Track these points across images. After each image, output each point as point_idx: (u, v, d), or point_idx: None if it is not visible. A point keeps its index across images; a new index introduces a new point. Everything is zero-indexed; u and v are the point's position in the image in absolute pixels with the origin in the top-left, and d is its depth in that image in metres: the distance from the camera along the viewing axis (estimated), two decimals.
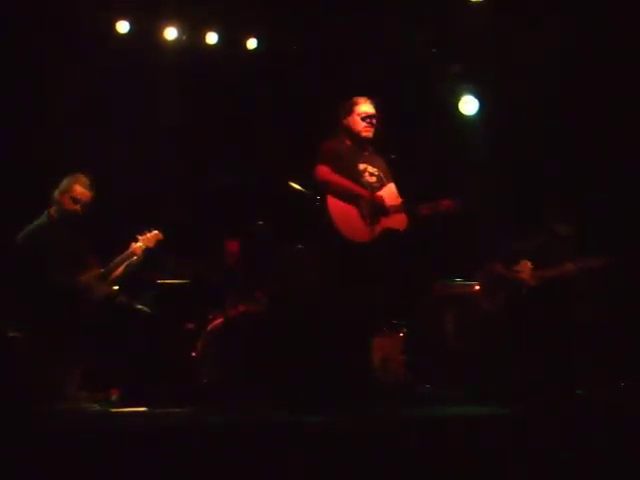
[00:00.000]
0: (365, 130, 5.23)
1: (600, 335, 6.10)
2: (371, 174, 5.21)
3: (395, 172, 5.30)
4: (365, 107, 5.26)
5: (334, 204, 5.00)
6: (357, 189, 5.07)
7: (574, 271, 6.04)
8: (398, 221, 5.14)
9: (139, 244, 5.68)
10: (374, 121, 5.22)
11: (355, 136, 5.24)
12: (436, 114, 7.81)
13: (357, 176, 5.14)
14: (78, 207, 5.55)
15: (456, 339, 6.82)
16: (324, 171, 5.07)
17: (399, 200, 5.18)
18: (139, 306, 5.62)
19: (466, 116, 7.83)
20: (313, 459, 3.87)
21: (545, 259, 6.15)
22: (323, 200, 5.00)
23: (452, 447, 4.03)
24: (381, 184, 5.18)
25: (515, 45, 7.18)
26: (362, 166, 5.21)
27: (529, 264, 6.20)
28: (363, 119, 5.23)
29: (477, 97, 7.75)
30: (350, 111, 5.26)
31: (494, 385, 5.86)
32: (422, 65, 7.63)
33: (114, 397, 5.45)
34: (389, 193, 5.17)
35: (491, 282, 6.33)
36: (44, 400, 4.98)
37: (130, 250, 5.66)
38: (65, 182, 5.58)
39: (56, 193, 5.57)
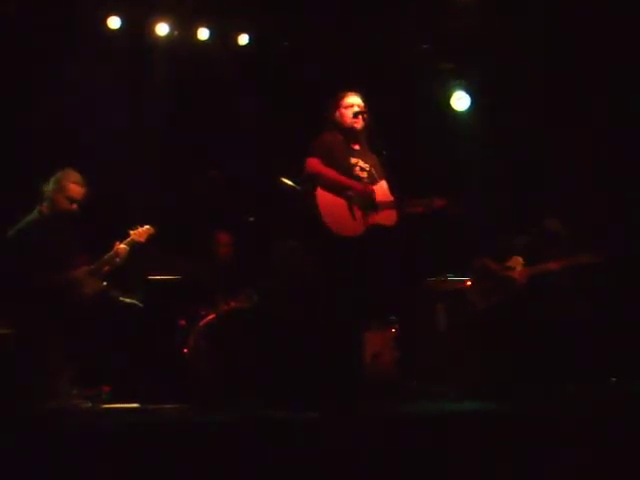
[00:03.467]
0: (353, 122, 5.20)
1: (587, 331, 6.12)
2: (362, 169, 5.18)
3: (388, 170, 5.28)
4: (351, 99, 5.24)
5: (323, 197, 4.97)
6: (347, 181, 5.05)
7: (560, 268, 6.07)
8: (387, 217, 5.11)
9: (124, 244, 5.61)
10: (362, 111, 5.20)
11: (345, 129, 5.21)
12: (428, 111, 7.82)
13: (348, 170, 5.11)
14: (74, 206, 5.49)
15: (448, 335, 6.83)
16: (314, 163, 5.05)
17: (389, 197, 5.16)
18: (130, 302, 5.60)
19: (458, 112, 7.84)
20: (301, 456, 3.88)
21: (536, 255, 6.18)
22: (312, 193, 4.98)
23: (441, 444, 4.04)
24: (372, 180, 5.15)
25: (507, 41, 7.19)
26: (353, 160, 5.18)
27: (520, 260, 6.23)
28: (350, 110, 5.20)
29: (469, 93, 7.76)
30: (337, 105, 5.25)
31: (485, 382, 5.88)
32: (414, 62, 7.63)
33: (105, 393, 5.45)
34: (380, 191, 5.15)
35: (483, 279, 6.35)
36: (35, 397, 4.98)
37: (116, 248, 5.59)
38: (59, 180, 5.47)
39: (49, 191, 5.46)
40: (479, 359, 6.22)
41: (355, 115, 5.17)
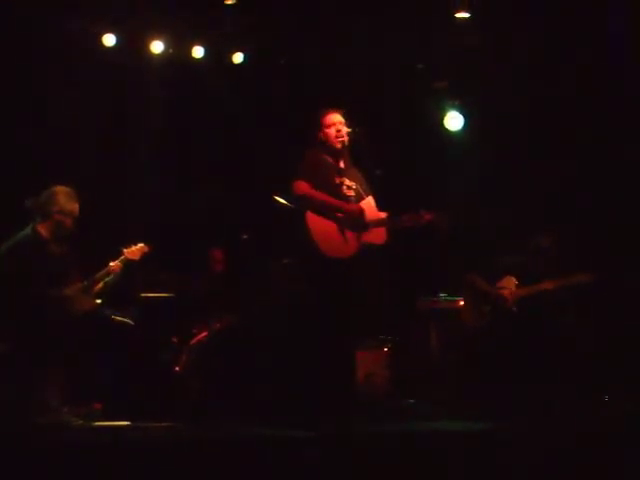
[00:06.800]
0: (336, 141, 5.21)
1: (581, 350, 6.12)
2: (349, 187, 5.17)
3: (376, 186, 5.27)
4: (332, 117, 5.24)
5: (313, 220, 4.98)
6: (337, 202, 5.05)
7: (553, 288, 6.06)
8: (378, 236, 5.12)
9: (117, 262, 5.60)
10: (344, 130, 5.20)
11: (329, 148, 5.20)
12: (421, 130, 7.85)
13: (334, 190, 5.11)
14: (69, 222, 5.42)
15: (440, 354, 6.83)
16: (303, 186, 5.05)
17: (378, 214, 5.17)
18: (122, 319, 5.59)
19: (451, 132, 7.87)
20: (293, 475, 3.87)
21: (528, 273, 6.17)
22: (302, 216, 4.98)
23: (435, 462, 4.03)
24: (359, 198, 5.15)
25: (499, 60, 7.23)
26: (339, 179, 5.17)
27: (513, 280, 6.21)
28: (332, 129, 5.21)
29: (462, 113, 7.79)
30: (319, 124, 5.24)
31: (477, 401, 5.88)
32: (407, 81, 7.67)
33: (96, 411, 5.42)
34: (367, 206, 5.14)
35: (475, 298, 6.34)
36: (26, 414, 4.95)
37: (110, 267, 5.58)
38: (52, 195, 5.41)
39: (43, 206, 5.40)
40: (472, 378, 6.22)
41: (348, 135, 5.16)
